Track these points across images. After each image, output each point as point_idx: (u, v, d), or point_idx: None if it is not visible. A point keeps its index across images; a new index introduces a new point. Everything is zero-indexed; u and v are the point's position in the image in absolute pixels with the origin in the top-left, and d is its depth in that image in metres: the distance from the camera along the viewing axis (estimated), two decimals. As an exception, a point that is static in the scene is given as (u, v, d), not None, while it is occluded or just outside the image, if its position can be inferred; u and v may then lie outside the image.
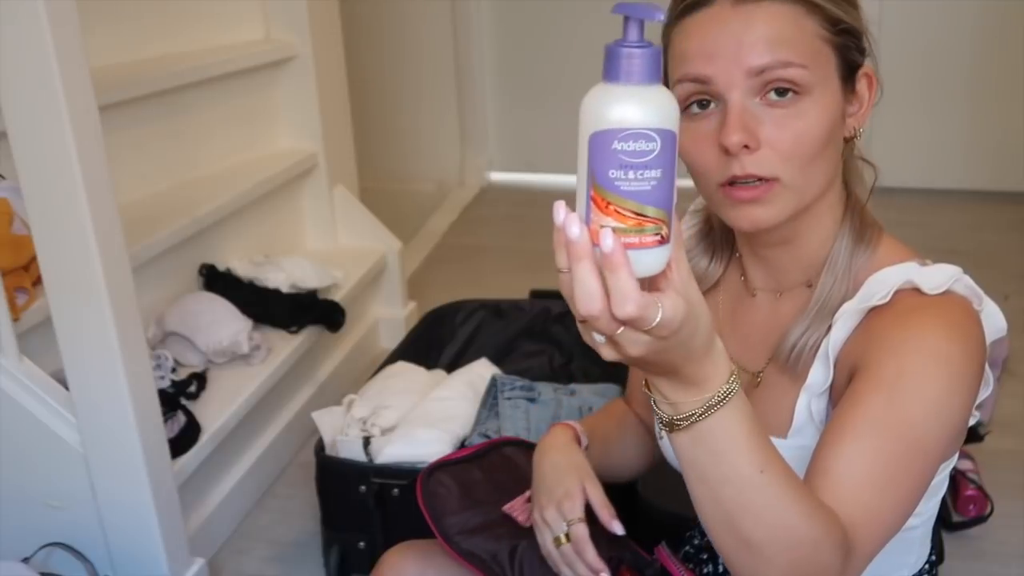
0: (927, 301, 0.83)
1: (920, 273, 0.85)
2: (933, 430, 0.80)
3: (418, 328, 2.09)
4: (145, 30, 2.07)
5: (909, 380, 0.80)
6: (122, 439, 1.42)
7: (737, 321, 1.00)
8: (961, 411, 0.82)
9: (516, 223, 3.47)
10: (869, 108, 0.87)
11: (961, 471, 1.75)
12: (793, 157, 0.83)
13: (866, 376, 0.82)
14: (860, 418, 0.80)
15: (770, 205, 0.85)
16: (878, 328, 0.84)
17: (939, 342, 0.81)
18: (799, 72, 0.81)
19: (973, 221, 3.22)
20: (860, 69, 0.86)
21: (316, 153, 2.37)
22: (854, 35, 0.84)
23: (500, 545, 1.08)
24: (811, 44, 0.82)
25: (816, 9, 0.82)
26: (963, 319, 0.83)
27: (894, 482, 0.78)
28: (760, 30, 0.81)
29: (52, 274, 1.35)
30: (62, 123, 1.24)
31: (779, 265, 0.95)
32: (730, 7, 0.82)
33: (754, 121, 0.82)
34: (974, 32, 3.31)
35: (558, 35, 3.66)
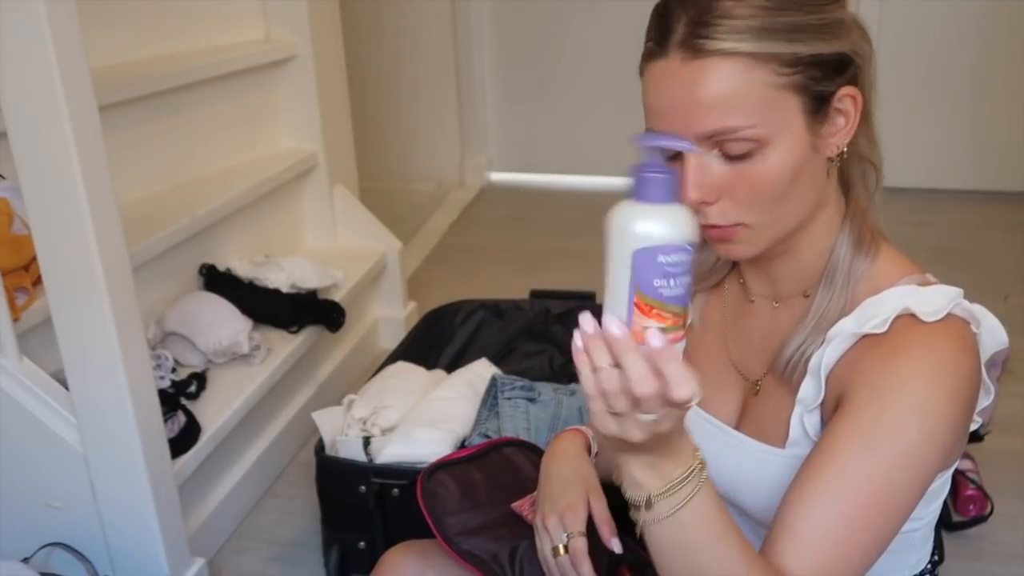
0: (921, 333, 0.82)
1: (919, 297, 0.84)
2: (903, 482, 0.81)
3: (418, 328, 2.09)
4: (145, 30, 2.07)
5: (883, 431, 0.80)
6: (122, 439, 1.42)
7: (738, 326, 1.00)
8: (937, 454, 0.81)
9: (516, 223, 3.47)
10: (855, 123, 0.85)
11: (961, 471, 1.75)
12: (754, 205, 0.84)
13: (844, 417, 0.83)
14: (827, 472, 0.81)
15: (741, 244, 0.87)
16: (868, 359, 0.84)
17: (920, 389, 0.80)
18: (750, 132, 0.80)
19: (973, 221, 3.22)
20: (836, 93, 0.82)
21: (316, 153, 2.37)
22: (823, 64, 0.80)
23: (500, 546, 1.08)
24: (762, 97, 0.79)
25: (767, 58, 0.78)
26: (955, 354, 0.82)
27: (853, 540, 0.80)
28: (707, 92, 0.79)
29: (52, 274, 1.35)
30: (62, 123, 1.24)
31: (776, 275, 0.95)
32: (679, 62, 0.80)
33: (711, 175, 0.82)
34: (974, 32, 3.31)
35: (558, 35, 3.66)
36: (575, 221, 3.40)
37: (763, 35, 0.78)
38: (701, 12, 0.79)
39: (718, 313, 1.02)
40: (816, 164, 0.85)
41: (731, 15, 0.78)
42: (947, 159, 3.46)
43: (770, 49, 0.78)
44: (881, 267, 0.89)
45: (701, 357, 1.03)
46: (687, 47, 0.79)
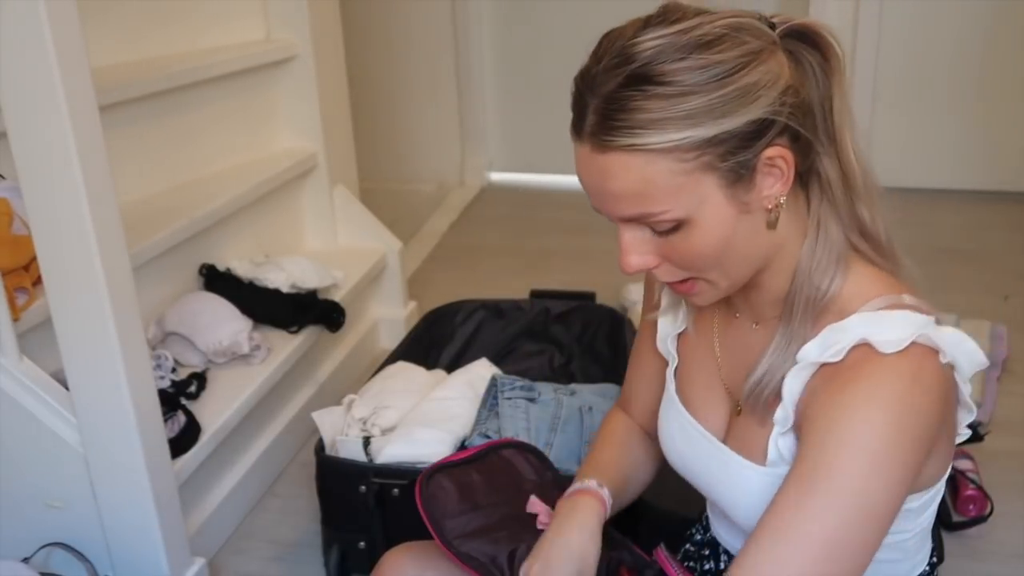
0: (872, 367, 0.80)
1: (879, 325, 0.82)
2: (855, 520, 0.80)
3: (418, 328, 2.09)
4: (145, 30, 2.07)
5: (827, 472, 0.80)
6: (122, 439, 1.41)
7: (726, 339, 1.00)
8: (889, 489, 0.80)
9: (516, 223, 3.47)
10: (789, 176, 0.83)
11: (961, 471, 1.75)
12: (693, 267, 0.86)
13: (799, 456, 0.83)
14: (786, 515, 0.81)
15: (699, 295, 0.89)
16: (823, 391, 0.83)
17: (862, 429, 0.79)
18: (666, 215, 0.81)
19: (973, 221, 3.22)
20: (759, 157, 0.81)
21: (316, 153, 2.37)
22: (732, 139, 0.79)
23: (499, 548, 1.08)
24: (671, 183, 0.79)
25: (668, 149, 0.78)
26: (904, 390, 0.80)
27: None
28: (616, 185, 0.81)
29: (52, 274, 1.35)
30: (62, 123, 1.24)
31: (751, 300, 0.95)
32: (589, 152, 0.82)
33: (647, 246, 0.85)
34: (975, 32, 3.31)
35: (558, 35, 3.66)
36: (575, 221, 3.40)
37: (662, 127, 0.78)
38: (607, 103, 0.79)
39: (709, 320, 1.02)
40: (752, 222, 0.84)
41: (631, 109, 0.78)
42: (947, 159, 3.46)
43: (669, 140, 0.78)
44: (851, 288, 0.87)
45: (695, 362, 1.03)
46: (594, 140, 0.81)
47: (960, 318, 2.35)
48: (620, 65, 0.80)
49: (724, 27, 0.80)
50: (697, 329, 1.03)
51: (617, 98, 0.79)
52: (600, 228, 3.92)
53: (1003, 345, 2.26)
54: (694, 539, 1.15)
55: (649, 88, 0.78)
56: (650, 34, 0.80)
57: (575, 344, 2.12)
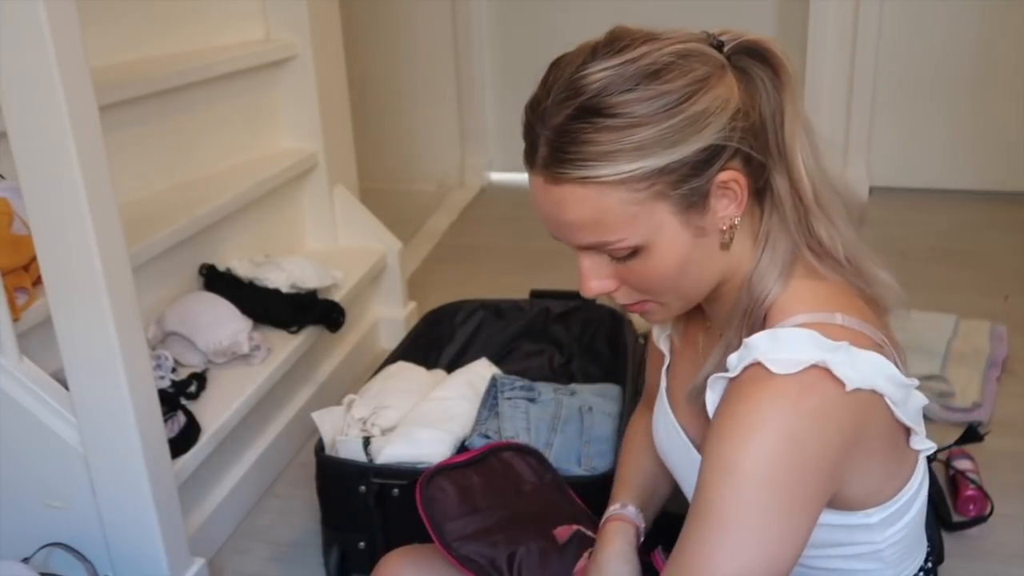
0: (757, 387, 0.79)
1: (778, 344, 0.80)
2: (725, 552, 0.77)
3: (418, 328, 2.09)
4: (145, 30, 2.07)
5: (702, 498, 0.79)
6: (122, 439, 1.41)
7: (706, 347, 1.00)
8: (781, 519, 0.77)
9: (516, 223, 3.47)
10: (743, 198, 0.83)
11: (961, 471, 1.75)
12: (651, 290, 0.87)
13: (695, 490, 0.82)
14: (682, 562, 0.80)
15: (655, 315, 0.91)
16: (717, 414, 0.83)
17: (732, 450, 0.77)
18: (622, 243, 0.82)
19: (973, 221, 3.21)
20: (712, 182, 0.81)
21: (316, 153, 2.37)
22: (683, 167, 0.79)
23: (498, 551, 1.08)
24: (625, 212, 0.80)
25: (619, 181, 0.79)
26: (781, 415, 0.77)
27: None
28: (571, 216, 0.82)
29: (52, 274, 1.34)
30: (62, 123, 1.24)
31: (713, 313, 0.96)
32: (543, 184, 0.83)
33: (605, 271, 0.86)
34: (974, 32, 3.31)
35: (558, 35, 3.64)
36: (575, 221, 3.40)
37: (612, 158, 0.78)
38: (558, 135, 0.80)
39: (695, 331, 1.02)
40: (707, 245, 0.85)
41: (581, 141, 0.79)
42: (947, 159, 3.46)
43: (621, 171, 0.78)
44: (783, 301, 0.86)
45: (679, 368, 1.04)
46: (547, 172, 0.82)
47: (960, 318, 2.35)
48: (569, 98, 0.80)
49: (671, 55, 0.80)
50: (685, 335, 1.04)
51: (567, 131, 0.80)
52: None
53: (1003, 345, 2.26)
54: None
55: (599, 120, 0.78)
56: (598, 65, 0.80)
57: (575, 344, 2.12)
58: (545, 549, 1.09)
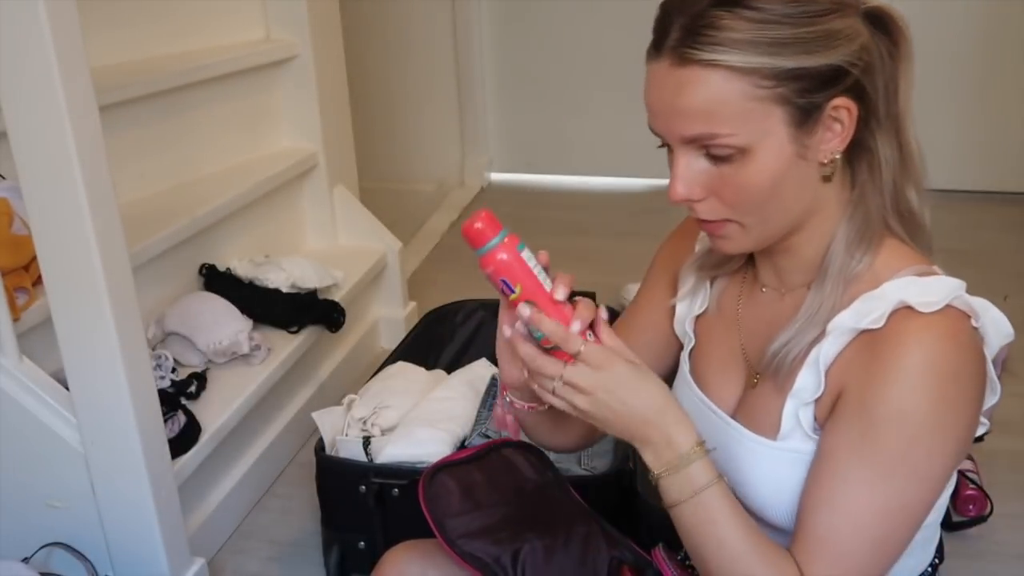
0: (915, 329, 0.82)
1: (916, 288, 0.84)
2: (903, 487, 0.83)
3: (418, 328, 2.09)
4: (145, 30, 2.07)
5: (872, 440, 0.83)
6: (122, 439, 1.41)
7: (750, 314, 1.01)
8: (935, 455, 0.83)
9: (516, 223, 3.43)
10: (850, 132, 0.85)
11: (961, 471, 1.75)
12: (738, 205, 0.86)
13: (840, 421, 0.86)
14: (834, 481, 0.85)
15: (729, 240, 0.90)
16: (862, 358, 0.85)
17: (906, 396, 0.81)
18: (729, 139, 0.82)
19: (973, 221, 3.22)
20: (827, 104, 0.83)
21: (316, 153, 2.37)
22: (808, 77, 0.81)
23: (502, 548, 1.08)
24: (743, 107, 0.81)
25: (748, 71, 0.80)
26: (947, 352, 0.82)
27: (867, 544, 0.84)
28: (688, 99, 0.82)
29: (52, 274, 1.35)
30: (62, 123, 1.24)
31: (781, 266, 0.96)
32: (668, 67, 0.82)
33: (697, 175, 0.86)
34: (974, 32, 3.31)
35: (558, 36, 3.66)
36: (575, 221, 3.40)
37: (746, 48, 0.79)
38: (693, 20, 0.81)
39: (733, 300, 1.03)
40: (804, 171, 0.85)
41: (718, 27, 0.80)
42: (947, 159, 3.46)
43: (751, 62, 0.79)
44: (883, 261, 0.89)
45: (712, 342, 1.04)
46: (675, 54, 0.81)
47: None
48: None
49: None
50: (720, 305, 1.04)
51: (706, 15, 0.80)
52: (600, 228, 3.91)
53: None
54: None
55: (740, 10, 0.79)
56: None
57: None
58: (549, 546, 1.09)
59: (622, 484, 1.53)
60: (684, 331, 1.08)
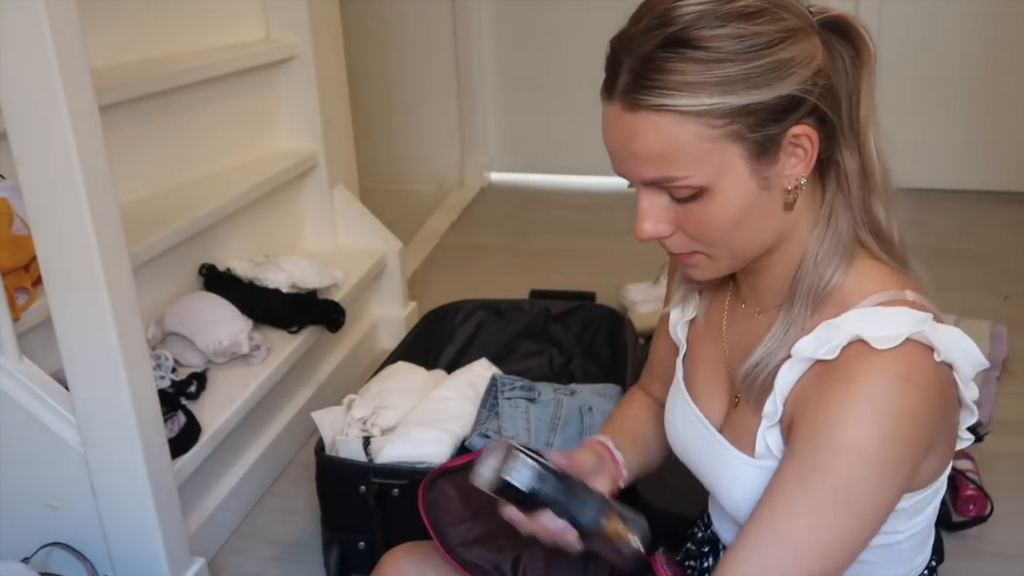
0: (865, 366, 0.80)
1: (874, 321, 0.82)
2: (838, 524, 0.81)
3: (418, 328, 2.09)
4: (145, 30, 2.07)
5: (815, 473, 0.81)
6: (122, 439, 1.42)
7: (733, 329, 1.00)
8: (877, 493, 0.81)
9: (516, 223, 3.47)
10: (812, 157, 0.84)
11: (961, 471, 1.75)
12: (704, 239, 0.86)
13: (788, 454, 0.85)
14: (766, 521, 0.83)
15: (701, 269, 0.90)
16: (814, 389, 0.84)
17: (853, 430, 0.79)
18: (688, 180, 0.81)
19: (973, 221, 3.22)
20: (785, 134, 0.82)
21: (316, 153, 2.37)
22: (762, 111, 0.80)
23: (503, 556, 1.08)
24: (697, 148, 0.80)
25: (698, 113, 0.79)
26: (897, 389, 0.80)
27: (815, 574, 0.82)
28: (641, 144, 0.81)
29: (52, 274, 1.35)
30: (62, 123, 1.24)
31: (756, 286, 0.96)
32: (619, 111, 0.82)
33: (662, 212, 0.85)
34: (974, 32, 3.31)
35: (558, 35, 3.65)
36: (575, 221, 3.40)
37: (695, 90, 0.78)
38: (642, 63, 0.80)
39: (719, 313, 1.03)
40: (769, 200, 0.85)
41: (665, 70, 0.79)
42: (947, 159, 3.46)
43: (701, 104, 0.78)
44: (854, 282, 0.87)
45: (700, 353, 1.04)
46: (625, 99, 0.81)
47: (960, 318, 2.35)
48: (659, 27, 0.80)
49: (766, 1, 0.81)
50: (707, 317, 1.04)
51: (653, 58, 0.79)
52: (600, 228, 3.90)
53: (1003, 345, 2.26)
54: (695, 537, 1.15)
55: (686, 51, 0.79)
56: (692, 0, 0.80)
57: (575, 344, 2.12)
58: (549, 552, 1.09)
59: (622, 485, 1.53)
60: (678, 336, 1.08)
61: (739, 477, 0.92)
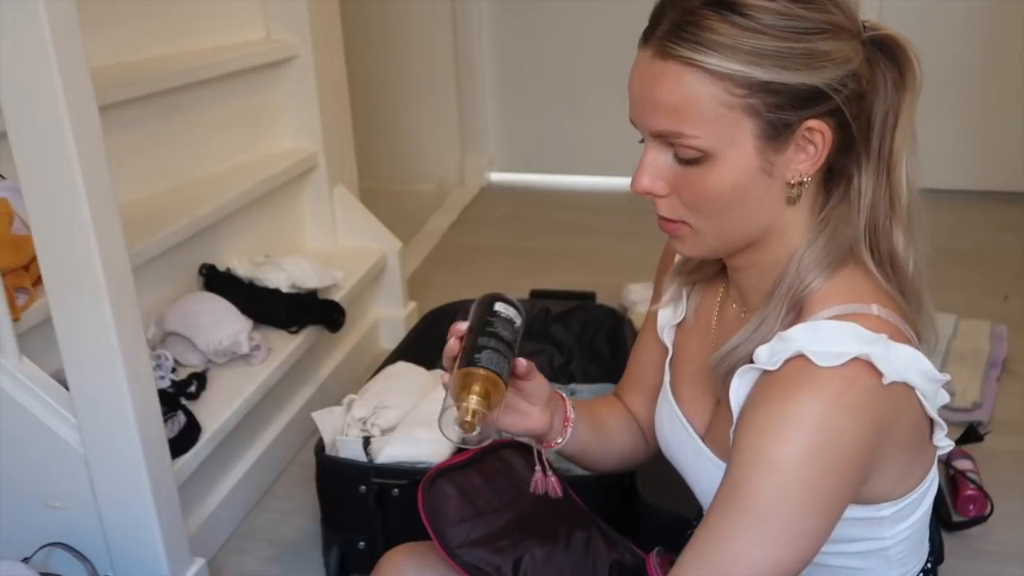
0: (797, 382, 0.79)
1: (820, 336, 0.81)
2: (761, 545, 0.79)
3: (418, 328, 2.09)
4: (145, 30, 2.07)
5: (740, 494, 0.80)
6: (122, 439, 1.42)
7: (720, 330, 1.00)
8: (806, 513, 0.79)
9: (516, 223, 3.47)
10: (822, 156, 0.83)
11: (961, 471, 1.75)
12: (695, 209, 0.86)
13: (723, 477, 0.83)
14: (699, 543, 0.82)
15: (685, 242, 0.90)
16: (755, 400, 0.83)
17: (772, 445, 0.78)
18: (694, 141, 0.82)
19: (972, 221, 3.21)
20: (800, 124, 0.82)
21: (316, 153, 2.37)
22: (784, 93, 0.80)
23: (504, 558, 1.08)
24: (712, 111, 0.80)
25: (722, 76, 0.79)
26: (825, 409, 0.77)
27: None
28: (661, 93, 0.82)
29: (52, 274, 1.35)
30: (62, 123, 1.24)
31: (743, 284, 0.95)
32: (650, 57, 0.83)
33: (662, 170, 0.85)
34: (973, 32, 3.31)
35: (558, 35, 3.65)
36: (575, 221, 3.40)
37: (725, 53, 0.79)
38: (683, 15, 0.81)
39: (709, 312, 1.02)
40: (768, 188, 0.84)
41: (703, 27, 0.80)
42: (947, 159, 3.46)
43: (727, 68, 0.79)
44: (826, 290, 0.86)
45: (688, 353, 1.04)
46: (659, 46, 0.82)
47: (960, 318, 2.35)
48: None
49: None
50: (697, 318, 1.04)
51: (695, 13, 0.80)
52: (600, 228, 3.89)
53: (1003, 345, 2.26)
54: (690, 535, 1.15)
55: (728, 14, 0.79)
56: None
57: (575, 344, 2.12)
58: (550, 552, 1.09)
59: (622, 485, 1.53)
60: (664, 342, 1.07)
61: (715, 482, 0.90)
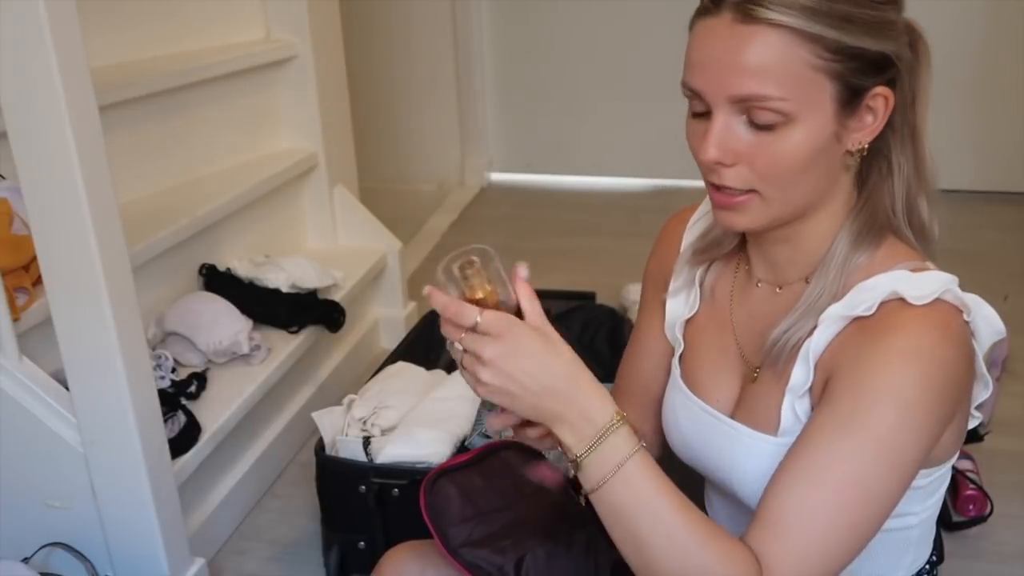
0: (904, 318, 0.83)
1: (908, 281, 0.85)
2: (878, 469, 0.82)
3: (418, 328, 2.09)
4: (145, 30, 2.07)
5: (857, 417, 0.82)
6: (122, 439, 1.42)
7: (744, 309, 1.00)
8: (914, 441, 0.83)
9: (516, 223, 3.47)
10: (881, 123, 0.86)
11: (961, 471, 1.75)
12: (769, 177, 0.86)
13: (825, 404, 0.85)
14: (803, 460, 0.83)
15: (744, 214, 0.89)
16: (853, 343, 0.86)
17: (896, 375, 0.82)
18: (780, 104, 0.82)
19: (965, 221, 3.21)
20: (871, 91, 0.84)
21: (316, 153, 2.37)
22: (863, 59, 0.82)
23: (506, 558, 1.08)
24: (799, 74, 0.81)
25: (813, 38, 0.80)
26: (935, 340, 0.83)
27: (829, 527, 0.82)
28: (749, 57, 0.81)
29: (52, 274, 1.35)
30: (62, 123, 1.24)
31: (779, 260, 0.96)
32: (729, 23, 0.82)
33: (734, 139, 0.84)
34: (973, 32, 3.31)
35: (558, 35, 3.65)
36: (575, 221, 3.40)
37: (814, 16, 0.80)
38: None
39: (726, 296, 1.03)
40: (835, 153, 0.86)
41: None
42: (947, 159, 3.43)
43: (817, 31, 0.80)
44: (880, 257, 0.90)
45: (704, 343, 1.04)
46: (740, 10, 0.81)
47: (960, 318, 2.34)
48: None
49: None
50: (713, 302, 1.04)
51: None
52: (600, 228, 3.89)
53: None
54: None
55: None
56: None
57: (575, 344, 2.10)
58: (552, 552, 1.09)
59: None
60: (674, 336, 1.07)
61: (759, 459, 0.92)
